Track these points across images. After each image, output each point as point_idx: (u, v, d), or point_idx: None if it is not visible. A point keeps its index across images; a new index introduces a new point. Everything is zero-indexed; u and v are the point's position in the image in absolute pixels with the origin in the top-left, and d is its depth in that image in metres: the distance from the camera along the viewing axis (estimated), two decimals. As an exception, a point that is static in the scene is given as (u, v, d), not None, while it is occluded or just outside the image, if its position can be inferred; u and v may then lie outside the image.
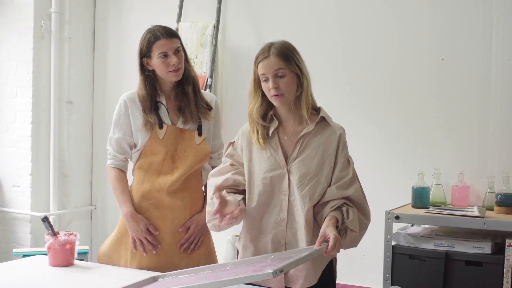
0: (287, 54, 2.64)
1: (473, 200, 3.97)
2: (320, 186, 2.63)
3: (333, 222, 2.53)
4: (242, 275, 2.24)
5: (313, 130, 2.67)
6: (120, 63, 5.34)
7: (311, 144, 2.67)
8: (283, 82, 2.61)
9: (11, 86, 5.14)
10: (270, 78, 2.60)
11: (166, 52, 3.03)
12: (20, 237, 5.13)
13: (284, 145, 2.70)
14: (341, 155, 2.67)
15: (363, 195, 2.69)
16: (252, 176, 2.71)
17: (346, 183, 2.64)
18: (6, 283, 2.73)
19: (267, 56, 2.62)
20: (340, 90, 4.44)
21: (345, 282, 4.09)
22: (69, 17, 5.28)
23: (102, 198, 5.48)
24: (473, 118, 4.05)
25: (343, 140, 2.69)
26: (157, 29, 3.07)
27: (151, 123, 3.08)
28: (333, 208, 2.59)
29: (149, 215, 3.12)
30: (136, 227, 3.09)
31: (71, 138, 5.32)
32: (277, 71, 2.60)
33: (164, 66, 3.03)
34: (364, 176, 3.01)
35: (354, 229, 2.59)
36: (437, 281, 3.58)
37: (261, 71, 2.63)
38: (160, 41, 3.03)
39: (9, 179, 5.18)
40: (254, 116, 2.70)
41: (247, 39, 4.75)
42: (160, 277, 2.70)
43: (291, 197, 2.65)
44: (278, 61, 2.61)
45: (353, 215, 2.59)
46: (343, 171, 2.66)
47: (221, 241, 4.28)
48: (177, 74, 3.06)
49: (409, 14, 4.23)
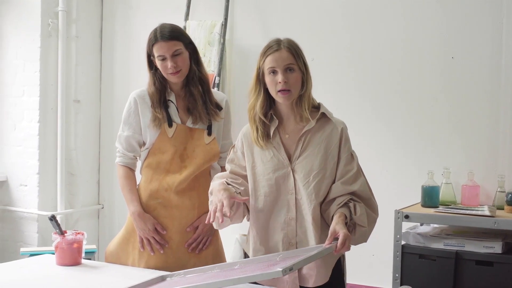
0: (297, 51, 2.63)
1: (483, 199, 3.95)
2: (325, 182, 2.61)
3: (342, 219, 2.50)
4: (251, 273, 2.22)
5: (314, 127, 2.65)
6: (127, 61, 5.34)
7: (314, 141, 2.64)
8: (293, 76, 2.58)
9: (19, 85, 5.14)
10: (279, 71, 2.58)
11: (163, 56, 3.01)
12: (27, 236, 5.13)
13: (286, 144, 2.67)
14: (344, 149, 2.65)
15: (369, 189, 2.67)
16: (256, 178, 2.69)
17: (351, 178, 2.62)
18: (14, 281, 2.71)
19: (278, 49, 2.60)
20: (349, 89, 4.43)
21: (354, 281, 4.07)
22: (77, 16, 5.28)
23: (109, 197, 5.47)
24: (483, 117, 4.03)
25: (345, 135, 2.67)
26: (159, 30, 3.04)
27: (159, 119, 3.07)
28: (340, 205, 2.57)
29: (157, 214, 3.10)
30: (144, 226, 3.07)
31: (78, 137, 5.32)
32: (288, 65, 2.58)
33: (163, 68, 3.03)
34: (374, 175, 2.99)
35: (362, 225, 2.57)
36: (447, 281, 3.55)
37: (270, 64, 2.59)
38: (158, 43, 3.01)
39: (16, 178, 5.18)
40: (257, 113, 2.66)
41: (255, 38, 4.74)
42: (168, 276, 2.68)
43: (297, 195, 2.63)
44: (289, 55, 2.59)
45: (361, 210, 2.57)
46: (347, 166, 2.64)
47: (229, 241, 4.27)
48: (176, 76, 3.04)
49: (418, 12, 4.21)
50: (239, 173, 2.76)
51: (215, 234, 3.18)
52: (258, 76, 2.66)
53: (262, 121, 2.66)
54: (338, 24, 4.48)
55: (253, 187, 2.69)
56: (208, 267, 2.66)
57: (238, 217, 2.71)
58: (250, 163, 2.71)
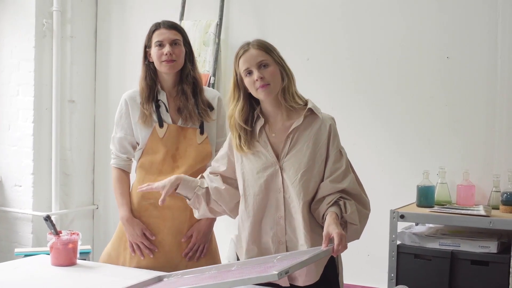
0: (267, 47, 2.64)
1: (479, 199, 3.95)
2: (313, 180, 2.59)
3: (334, 218, 2.48)
4: (247, 276, 2.21)
5: (302, 124, 2.63)
6: (122, 61, 5.34)
7: (302, 138, 2.62)
8: (268, 71, 2.58)
9: (14, 84, 5.13)
10: (254, 69, 2.58)
11: (162, 41, 3.02)
12: (22, 236, 5.11)
13: (273, 142, 2.66)
14: (333, 146, 2.63)
15: (360, 185, 2.65)
16: (245, 178, 2.68)
17: (340, 175, 2.60)
18: (9, 282, 2.71)
19: (247, 49, 2.63)
20: (345, 89, 4.43)
21: (350, 281, 4.06)
22: (71, 16, 5.27)
23: (104, 197, 5.46)
24: (478, 117, 4.03)
25: (333, 131, 2.65)
26: (162, 21, 3.10)
27: (146, 116, 3.06)
28: (330, 204, 2.55)
29: (149, 214, 3.10)
30: (132, 232, 3.07)
31: (73, 137, 5.31)
32: (261, 61, 2.59)
33: (158, 55, 3.02)
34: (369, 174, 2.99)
35: (354, 222, 2.56)
36: (442, 280, 3.55)
37: (244, 66, 2.61)
38: (159, 30, 3.05)
39: (11, 178, 5.17)
40: (237, 120, 2.66)
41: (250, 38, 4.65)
42: (165, 277, 2.67)
43: (286, 194, 2.61)
44: (260, 52, 2.61)
45: (351, 208, 2.55)
46: (336, 164, 2.62)
47: (224, 241, 4.26)
48: (170, 66, 3.03)
49: (414, 12, 4.21)
50: (217, 173, 2.79)
51: (210, 239, 3.18)
52: (237, 81, 2.67)
53: (242, 127, 2.66)
54: (334, 24, 4.48)
55: (243, 187, 2.69)
56: (206, 268, 2.65)
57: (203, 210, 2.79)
58: (239, 163, 2.70)
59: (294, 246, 2.61)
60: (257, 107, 2.68)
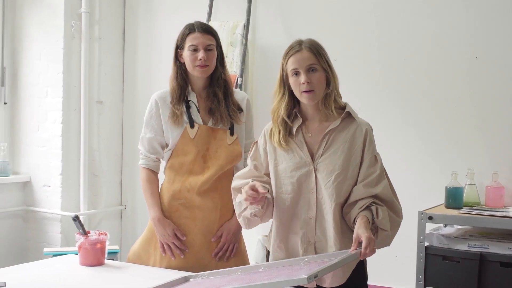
0: (319, 50, 2.62)
1: (508, 200, 3.92)
2: (346, 183, 2.59)
3: (364, 222, 2.47)
4: (276, 280, 2.20)
5: (339, 126, 2.63)
6: (149, 62, 5.36)
7: (337, 140, 2.62)
8: (315, 76, 2.58)
9: (42, 86, 5.17)
10: (302, 72, 2.58)
11: (196, 46, 3.02)
12: (50, 236, 5.15)
13: (308, 142, 2.66)
14: (368, 151, 2.62)
15: (393, 192, 2.64)
16: (279, 176, 2.68)
17: (373, 180, 2.59)
18: (38, 282, 2.73)
19: (299, 50, 2.60)
20: (373, 89, 4.41)
21: (377, 283, 4.05)
22: (99, 17, 5.30)
23: (132, 198, 5.49)
24: (507, 117, 3.99)
25: (369, 136, 2.64)
26: (196, 23, 3.09)
27: (177, 115, 3.06)
28: (362, 208, 2.55)
29: (179, 215, 3.10)
30: (163, 232, 3.07)
31: (101, 138, 5.34)
32: (310, 65, 2.58)
33: (192, 59, 3.03)
34: (397, 176, 2.97)
35: (385, 228, 2.54)
36: (471, 282, 3.52)
37: (292, 66, 2.60)
38: (193, 34, 3.04)
39: (40, 178, 5.21)
40: (281, 115, 2.66)
41: (277, 38, 4.73)
42: (192, 277, 2.67)
43: (318, 195, 2.61)
44: (311, 55, 2.59)
45: (383, 213, 2.54)
46: (370, 168, 2.61)
47: (252, 242, 4.26)
48: (203, 71, 3.04)
49: (442, 12, 4.18)
50: (260, 170, 2.76)
51: (239, 239, 3.18)
52: (282, 78, 2.66)
53: (285, 123, 2.66)
54: (361, 24, 4.47)
55: (276, 185, 2.69)
56: (232, 269, 2.65)
57: (267, 215, 2.71)
58: (273, 161, 2.70)
59: (323, 247, 2.61)
60: (297, 104, 2.68)
